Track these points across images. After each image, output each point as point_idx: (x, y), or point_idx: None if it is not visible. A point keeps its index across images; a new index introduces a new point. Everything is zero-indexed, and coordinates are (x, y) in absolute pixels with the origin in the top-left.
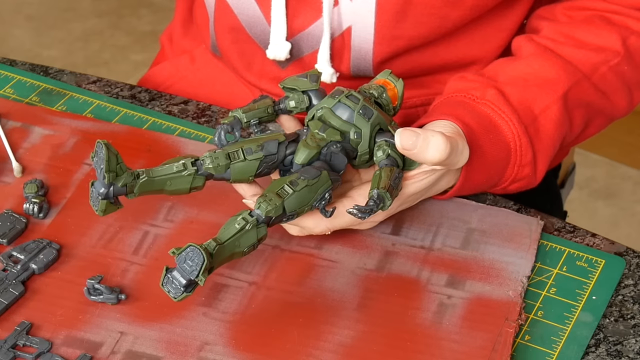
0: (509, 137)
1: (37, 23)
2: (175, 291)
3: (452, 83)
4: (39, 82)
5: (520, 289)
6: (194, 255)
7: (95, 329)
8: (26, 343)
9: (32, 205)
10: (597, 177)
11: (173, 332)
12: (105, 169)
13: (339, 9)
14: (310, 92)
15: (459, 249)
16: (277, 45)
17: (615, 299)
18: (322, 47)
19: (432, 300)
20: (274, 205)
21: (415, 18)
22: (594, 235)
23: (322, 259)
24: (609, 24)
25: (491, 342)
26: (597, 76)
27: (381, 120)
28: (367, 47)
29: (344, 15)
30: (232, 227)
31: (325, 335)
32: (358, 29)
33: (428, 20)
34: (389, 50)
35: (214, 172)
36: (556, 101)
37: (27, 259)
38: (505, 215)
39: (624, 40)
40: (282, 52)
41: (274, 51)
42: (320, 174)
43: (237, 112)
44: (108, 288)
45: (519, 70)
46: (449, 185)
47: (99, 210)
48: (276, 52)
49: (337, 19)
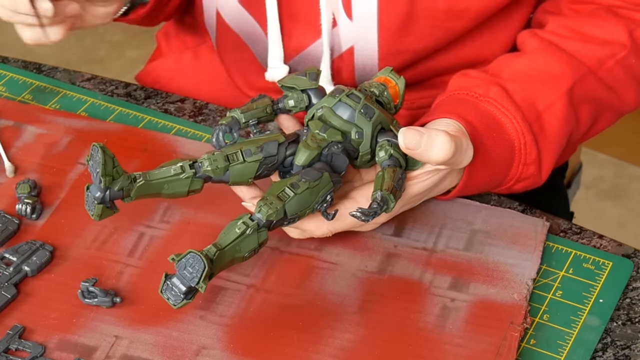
0: (513, 135)
1: None
2: (175, 298)
3: (454, 80)
4: (32, 80)
5: (526, 292)
6: (195, 261)
7: (89, 333)
8: (19, 347)
9: (24, 206)
10: (605, 177)
11: (169, 336)
12: (102, 172)
13: (338, 30)
14: (310, 90)
15: (463, 251)
16: (275, 69)
17: (623, 302)
18: (322, 67)
19: (435, 303)
20: (275, 208)
21: (419, 31)
22: (601, 237)
23: (322, 261)
24: (615, 16)
25: (496, 346)
26: (603, 70)
27: (383, 120)
28: (371, 64)
29: (343, 35)
30: (233, 232)
31: (326, 339)
32: (361, 47)
33: (432, 33)
34: (394, 64)
35: (212, 175)
36: (561, 97)
37: (19, 261)
38: (510, 216)
39: (631, 32)
40: (280, 75)
41: (272, 74)
42: (322, 176)
43: (235, 112)
44: (103, 291)
45: (523, 66)
46: (452, 185)
47: (94, 215)
48: (274, 75)
49: (337, 39)
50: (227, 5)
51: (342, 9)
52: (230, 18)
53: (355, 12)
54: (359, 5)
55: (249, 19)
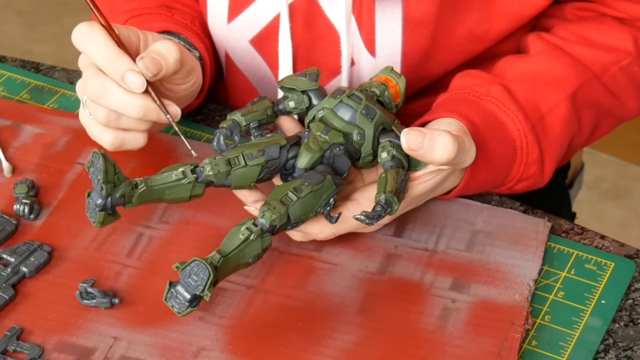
0: (515, 135)
1: (28, 18)
2: (180, 306)
3: (456, 79)
4: (30, 79)
5: (527, 293)
6: (199, 270)
7: (87, 334)
8: (16, 349)
9: (22, 206)
10: (607, 177)
11: (168, 337)
12: (103, 180)
13: (358, 67)
14: (310, 91)
15: (464, 251)
16: None
17: (625, 303)
18: None
19: (436, 304)
20: (278, 213)
21: (440, 57)
22: (603, 237)
23: (322, 262)
24: (621, 23)
25: (497, 347)
26: (607, 76)
27: (385, 120)
28: None
29: (364, 71)
30: (236, 238)
31: (326, 340)
32: None
33: (453, 57)
34: (413, 90)
35: (214, 179)
36: (564, 100)
37: (17, 262)
38: (511, 217)
39: (636, 40)
40: (290, 123)
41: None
42: (325, 179)
43: (236, 115)
44: (101, 292)
45: (527, 68)
46: (454, 184)
47: (96, 222)
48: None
49: (357, 76)
50: (237, 47)
51: (363, 47)
52: (240, 60)
53: (379, 49)
54: (383, 42)
55: (259, 61)
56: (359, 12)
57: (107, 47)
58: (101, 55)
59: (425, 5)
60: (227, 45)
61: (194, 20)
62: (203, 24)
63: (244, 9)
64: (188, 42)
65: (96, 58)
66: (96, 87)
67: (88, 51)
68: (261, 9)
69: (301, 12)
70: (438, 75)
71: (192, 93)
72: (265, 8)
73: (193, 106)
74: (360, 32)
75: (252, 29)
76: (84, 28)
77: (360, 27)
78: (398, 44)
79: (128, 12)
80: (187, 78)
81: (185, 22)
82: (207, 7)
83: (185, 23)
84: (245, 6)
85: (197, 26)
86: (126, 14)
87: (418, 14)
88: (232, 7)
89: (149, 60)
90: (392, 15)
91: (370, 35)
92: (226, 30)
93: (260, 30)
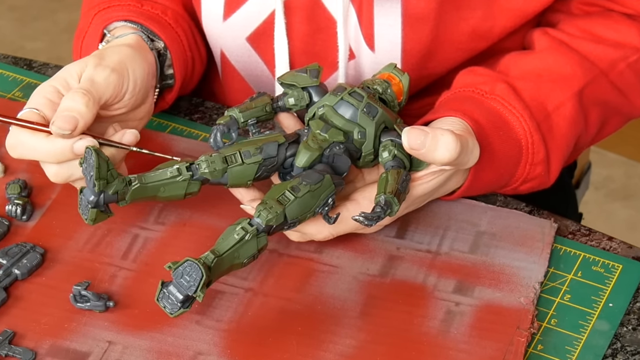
0: (520, 134)
1: (20, 13)
2: (172, 307)
3: (460, 77)
4: (22, 77)
5: (533, 296)
6: (192, 270)
7: (81, 338)
8: (9, 353)
9: (14, 206)
10: (614, 177)
11: (164, 341)
12: (95, 176)
13: (358, 62)
14: (311, 88)
15: (468, 253)
16: None
17: (633, 306)
18: None
19: (439, 307)
20: (275, 213)
21: (442, 55)
22: (610, 239)
23: (322, 264)
24: (628, 19)
25: (502, 351)
26: (614, 73)
27: (386, 119)
28: None
29: (364, 66)
30: (231, 238)
31: (326, 344)
32: None
33: (455, 56)
34: (415, 89)
35: (210, 177)
36: (571, 98)
37: (9, 264)
38: (516, 218)
39: None
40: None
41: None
42: (323, 179)
43: (234, 111)
44: (95, 295)
45: (533, 65)
46: (457, 185)
47: (88, 220)
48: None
49: (357, 70)
50: (233, 45)
51: (363, 41)
52: (236, 59)
53: (378, 43)
54: (382, 37)
55: (256, 59)
56: (359, 5)
57: (39, 150)
58: (39, 156)
59: (425, 1)
60: (222, 44)
61: (165, 10)
62: (178, 15)
63: (240, 5)
64: (151, 33)
65: (39, 157)
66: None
67: (30, 158)
68: (258, 4)
69: (301, 4)
70: (440, 73)
71: (150, 105)
72: (262, 3)
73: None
74: (360, 26)
75: (249, 26)
76: (10, 142)
77: (360, 20)
78: (398, 40)
79: (101, 3)
80: (135, 96)
81: (155, 13)
82: (201, 5)
83: (154, 13)
84: (241, 2)
85: (169, 16)
86: (99, 6)
87: (418, 9)
88: (227, 5)
89: (61, 120)
90: (391, 10)
91: (369, 29)
92: (222, 29)
93: (257, 27)
